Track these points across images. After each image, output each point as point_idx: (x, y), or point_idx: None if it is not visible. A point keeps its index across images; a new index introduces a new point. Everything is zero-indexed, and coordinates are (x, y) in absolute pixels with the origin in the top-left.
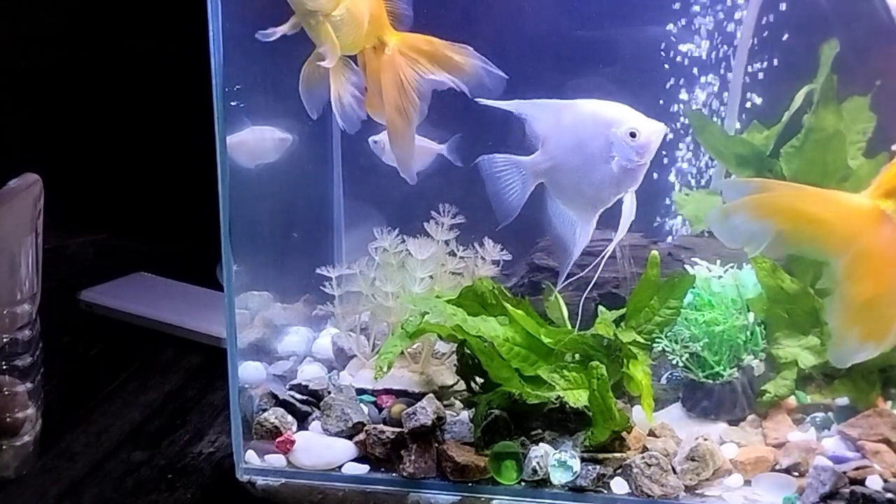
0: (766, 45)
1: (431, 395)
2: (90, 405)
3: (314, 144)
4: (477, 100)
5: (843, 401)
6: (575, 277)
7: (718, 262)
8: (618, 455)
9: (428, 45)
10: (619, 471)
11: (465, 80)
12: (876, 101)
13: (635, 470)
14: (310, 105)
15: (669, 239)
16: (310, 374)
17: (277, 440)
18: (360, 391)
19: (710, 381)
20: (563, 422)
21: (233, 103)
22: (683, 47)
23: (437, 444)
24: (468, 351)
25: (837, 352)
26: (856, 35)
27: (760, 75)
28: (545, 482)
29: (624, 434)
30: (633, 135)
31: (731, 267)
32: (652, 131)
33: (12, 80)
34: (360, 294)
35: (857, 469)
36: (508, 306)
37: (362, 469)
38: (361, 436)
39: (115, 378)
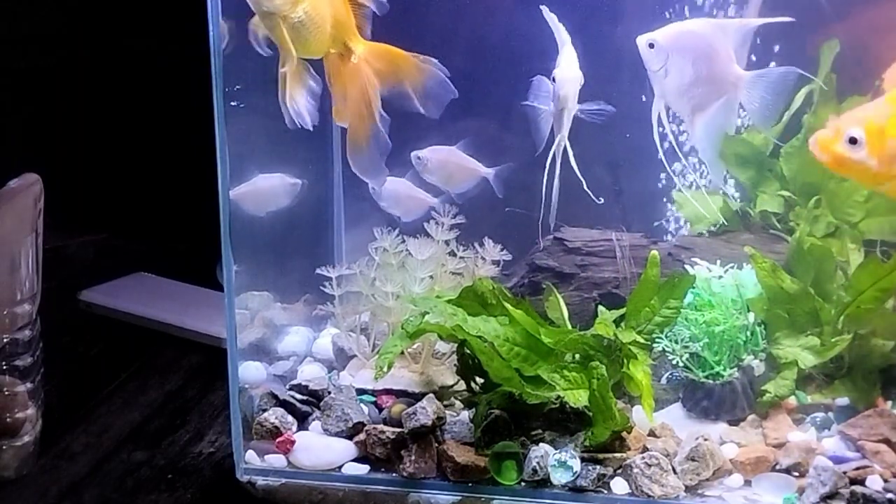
0: (766, 45)
1: (431, 395)
2: (90, 405)
3: (314, 144)
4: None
5: (843, 401)
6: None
7: (718, 262)
8: (618, 455)
9: (391, 56)
10: (619, 471)
11: (421, 92)
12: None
13: (635, 470)
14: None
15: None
16: (310, 374)
17: (277, 440)
18: (360, 391)
19: (710, 381)
20: (563, 422)
21: (233, 103)
22: None
23: (437, 444)
24: (468, 351)
25: None
26: (856, 35)
27: None
28: (545, 482)
29: (624, 434)
30: (553, 80)
31: (731, 267)
32: (562, 79)
33: (12, 80)
34: (360, 294)
35: (857, 469)
36: (508, 306)
37: (362, 469)
38: (361, 436)
39: (115, 378)
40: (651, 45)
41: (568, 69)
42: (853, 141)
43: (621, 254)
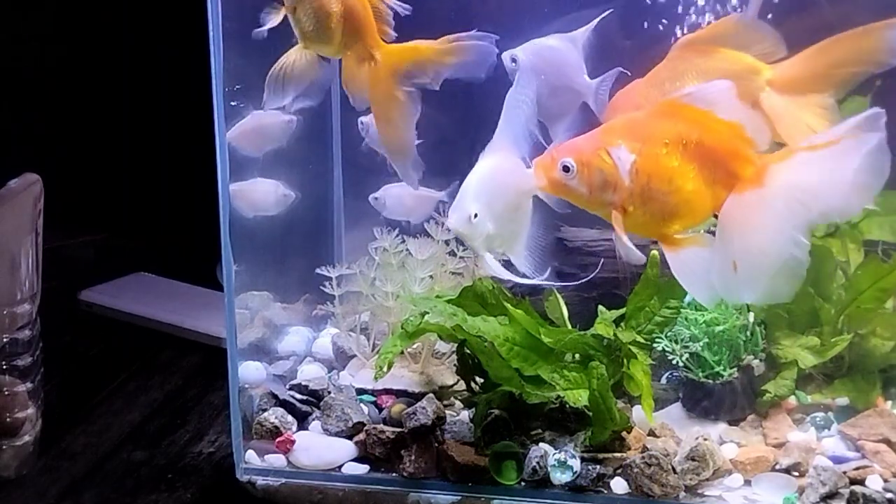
0: None
1: (431, 395)
2: (90, 405)
3: (314, 144)
4: None
5: (843, 401)
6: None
7: None
8: (618, 455)
9: (417, 53)
10: (619, 471)
11: (461, 68)
12: (876, 101)
13: (635, 470)
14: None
15: None
16: (310, 374)
17: (277, 440)
18: (360, 391)
19: (710, 381)
20: (563, 422)
21: (233, 103)
22: None
23: (437, 444)
24: (468, 351)
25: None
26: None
27: None
28: (545, 482)
29: (624, 434)
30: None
31: None
32: (448, 222)
33: (12, 80)
34: (360, 294)
35: (857, 469)
36: (508, 306)
37: (362, 469)
38: (361, 436)
39: (115, 378)
40: (514, 60)
41: (454, 211)
42: (566, 169)
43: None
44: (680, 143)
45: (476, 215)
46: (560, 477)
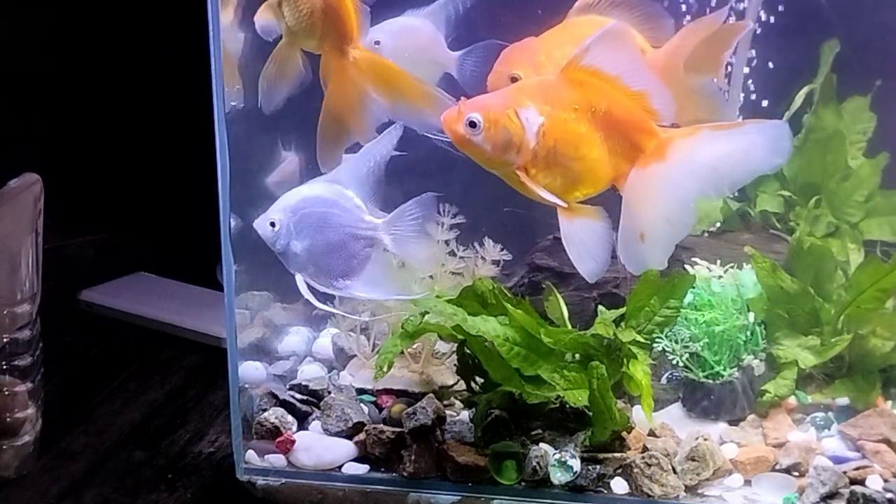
0: (766, 45)
1: (431, 395)
2: (90, 405)
3: (314, 142)
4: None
5: (843, 401)
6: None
7: (718, 262)
8: (618, 455)
9: (391, 73)
10: (619, 471)
11: (418, 115)
12: (876, 101)
13: (635, 470)
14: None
15: None
16: (310, 374)
17: (277, 440)
18: (360, 391)
19: (710, 381)
20: (563, 422)
21: (233, 103)
22: None
23: (437, 444)
24: (468, 351)
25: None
26: (856, 35)
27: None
28: (545, 482)
29: (624, 434)
30: None
31: (731, 267)
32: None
33: (12, 80)
34: None
35: (857, 469)
36: (508, 306)
37: (362, 469)
38: (361, 436)
39: (115, 378)
40: (377, 43)
41: (263, 214)
42: (473, 125)
43: None
44: (589, 110)
45: (274, 224)
46: (560, 477)
